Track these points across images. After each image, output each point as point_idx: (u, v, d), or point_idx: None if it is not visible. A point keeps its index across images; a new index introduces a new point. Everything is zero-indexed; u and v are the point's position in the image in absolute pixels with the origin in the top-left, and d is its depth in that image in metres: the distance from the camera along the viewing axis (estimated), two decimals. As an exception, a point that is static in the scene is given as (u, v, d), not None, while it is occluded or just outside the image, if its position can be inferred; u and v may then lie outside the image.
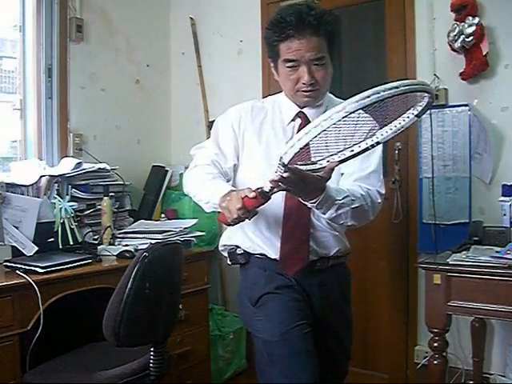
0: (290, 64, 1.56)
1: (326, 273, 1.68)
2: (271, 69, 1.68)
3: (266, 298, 1.62)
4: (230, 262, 1.78)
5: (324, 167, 1.34)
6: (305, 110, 1.65)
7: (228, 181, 1.67)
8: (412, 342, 2.72)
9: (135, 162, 3.16)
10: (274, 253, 1.64)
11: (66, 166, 2.58)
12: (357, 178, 1.61)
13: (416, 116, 1.31)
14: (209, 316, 2.84)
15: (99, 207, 2.60)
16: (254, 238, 1.66)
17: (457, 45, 2.38)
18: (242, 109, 1.72)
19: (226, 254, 1.78)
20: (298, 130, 1.64)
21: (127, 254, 2.36)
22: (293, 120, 1.67)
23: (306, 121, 1.65)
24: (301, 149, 1.22)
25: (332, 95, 1.72)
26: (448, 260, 1.94)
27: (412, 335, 2.72)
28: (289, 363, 1.52)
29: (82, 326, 2.22)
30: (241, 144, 1.69)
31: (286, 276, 1.64)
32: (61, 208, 2.40)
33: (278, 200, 1.56)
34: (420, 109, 1.30)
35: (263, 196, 1.38)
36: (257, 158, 1.66)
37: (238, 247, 1.72)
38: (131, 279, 1.69)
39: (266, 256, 1.65)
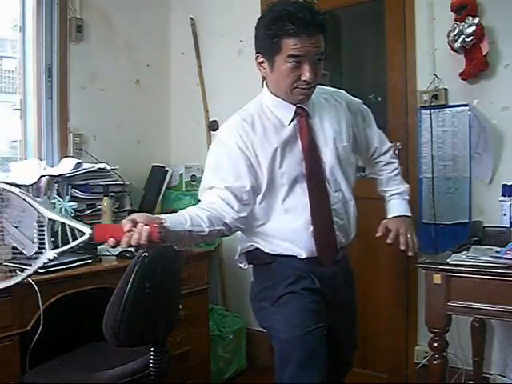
0: (293, 59, 1.52)
1: (341, 263, 1.72)
2: (258, 65, 1.64)
3: (287, 297, 1.61)
4: (246, 266, 1.75)
5: None
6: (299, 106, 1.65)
7: (246, 205, 1.59)
8: (412, 342, 2.71)
9: (135, 162, 3.15)
10: (304, 252, 1.63)
11: (66, 166, 2.58)
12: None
13: None
14: (209, 316, 2.84)
15: (99, 207, 2.60)
16: (280, 243, 1.64)
17: (457, 45, 2.38)
18: (233, 127, 1.63)
19: (243, 258, 1.75)
20: (301, 125, 1.64)
21: (127, 254, 2.36)
22: (293, 118, 1.65)
23: (306, 114, 1.65)
24: None
25: None
26: (448, 260, 1.94)
27: (412, 335, 2.71)
28: (302, 364, 1.52)
29: (82, 325, 2.22)
30: (255, 163, 1.59)
31: (311, 277, 1.64)
32: (61, 208, 2.40)
33: (302, 199, 1.61)
34: None
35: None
36: (278, 166, 1.61)
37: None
38: (131, 279, 1.69)
39: (296, 257, 1.64)
